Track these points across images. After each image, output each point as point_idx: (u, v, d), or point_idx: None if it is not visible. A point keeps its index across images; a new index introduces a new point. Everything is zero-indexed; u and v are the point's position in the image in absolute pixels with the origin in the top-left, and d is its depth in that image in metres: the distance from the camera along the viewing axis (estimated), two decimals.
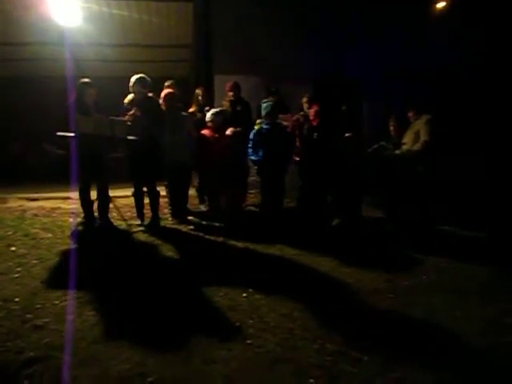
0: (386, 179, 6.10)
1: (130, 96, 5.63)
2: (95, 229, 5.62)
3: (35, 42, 10.65)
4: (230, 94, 6.63)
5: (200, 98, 6.67)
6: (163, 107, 5.81)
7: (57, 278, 3.99)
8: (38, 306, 3.40)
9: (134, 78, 5.53)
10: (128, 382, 2.45)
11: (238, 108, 6.58)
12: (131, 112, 5.45)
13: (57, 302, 3.46)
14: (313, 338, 2.97)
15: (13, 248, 4.85)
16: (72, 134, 5.02)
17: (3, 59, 11.97)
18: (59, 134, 5.05)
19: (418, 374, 2.59)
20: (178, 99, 6.00)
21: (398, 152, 6.02)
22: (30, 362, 2.60)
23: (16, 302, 3.47)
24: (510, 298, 3.76)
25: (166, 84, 6.39)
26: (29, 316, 3.22)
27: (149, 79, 5.60)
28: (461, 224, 6.16)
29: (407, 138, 6.06)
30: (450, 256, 4.85)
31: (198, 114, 6.42)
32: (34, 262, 4.41)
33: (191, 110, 6.54)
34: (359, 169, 6.07)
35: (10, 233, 5.44)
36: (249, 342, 2.91)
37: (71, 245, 5.05)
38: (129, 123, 5.41)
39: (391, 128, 6.24)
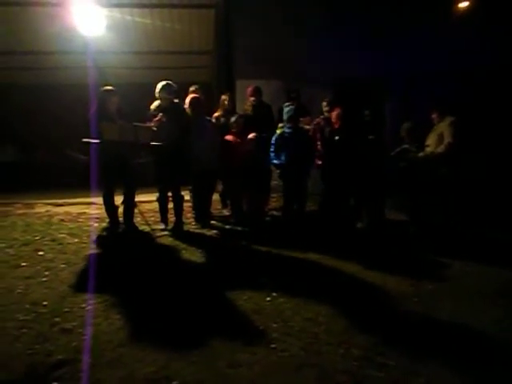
0: (409, 182, 6.03)
1: (157, 102, 5.70)
2: (120, 233, 5.70)
3: (59, 51, 10.89)
4: (252, 98, 6.64)
5: (226, 103, 6.71)
6: (189, 112, 5.86)
7: (84, 282, 4.04)
8: (66, 309, 3.46)
9: (160, 85, 5.60)
10: None
11: (261, 112, 6.59)
12: (157, 118, 5.52)
13: (84, 306, 3.52)
14: (338, 342, 2.95)
15: (41, 252, 4.95)
16: (97, 141, 5.11)
17: (28, 68, 12.28)
18: (84, 140, 5.14)
19: (444, 378, 2.55)
20: (203, 104, 6.05)
21: (421, 154, 5.95)
22: (58, 365, 2.65)
23: (44, 305, 3.54)
24: None
25: (191, 89, 6.45)
26: (57, 319, 3.28)
27: (175, 85, 5.66)
28: (485, 226, 6.06)
29: (430, 140, 5.98)
30: (474, 259, 4.78)
31: (222, 119, 6.45)
32: (62, 266, 4.50)
33: (216, 114, 6.59)
34: (382, 172, 6.01)
35: (37, 238, 5.56)
36: (273, 346, 2.91)
37: (97, 249, 5.13)
38: (154, 129, 5.48)
39: (403, 134, 6.14)
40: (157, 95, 5.64)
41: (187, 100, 5.97)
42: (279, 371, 2.62)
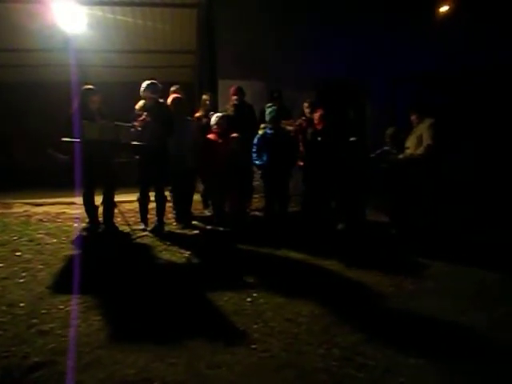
0: (389, 183, 6.08)
1: (141, 102, 5.66)
2: (100, 234, 5.64)
3: (40, 49, 10.72)
4: (234, 97, 6.63)
5: (208, 103, 6.69)
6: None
7: (62, 283, 3.99)
8: (44, 311, 3.41)
9: (144, 84, 5.56)
10: None
11: (242, 112, 6.59)
12: (141, 118, 5.47)
13: (62, 307, 3.47)
14: (318, 342, 2.96)
15: (18, 253, 4.86)
16: (77, 140, 5.04)
17: (9, 65, 12.04)
18: (64, 139, 5.07)
19: (422, 379, 2.58)
20: (184, 104, 6.01)
21: (401, 156, 6.00)
22: (35, 367, 2.61)
23: (21, 306, 3.48)
24: None
25: (172, 89, 6.41)
26: (34, 321, 3.23)
27: (159, 85, 5.62)
28: (466, 227, 6.16)
29: (410, 143, 6.04)
30: (454, 259, 4.85)
31: (204, 119, 6.43)
32: (40, 267, 4.42)
33: (197, 114, 6.56)
34: (363, 173, 6.06)
35: (15, 238, 5.46)
36: (253, 346, 2.91)
37: (76, 250, 5.06)
38: (139, 129, 5.43)
39: (387, 140, 6.19)
40: (141, 94, 5.60)
41: (169, 100, 5.94)
42: (259, 372, 2.63)
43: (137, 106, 5.68)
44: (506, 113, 8.79)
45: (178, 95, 6.06)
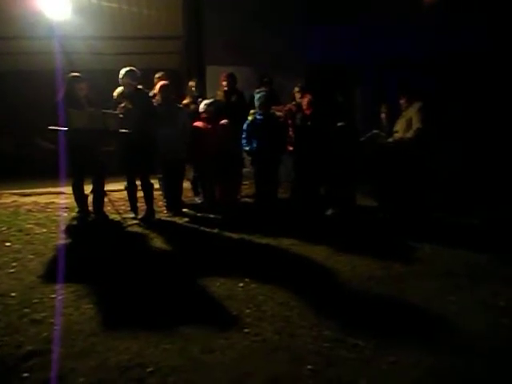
0: (379, 167, 6.11)
1: (120, 89, 5.60)
2: (90, 223, 5.62)
3: (24, 36, 10.53)
4: (224, 83, 6.59)
5: (194, 89, 6.64)
6: (159, 99, 5.78)
7: (53, 273, 3.97)
8: (36, 300, 3.40)
9: (123, 71, 5.50)
10: (127, 373, 2.46)
11: (233, 99, 6.56)
12: (122, 105, 5.43)
13: (54, 296, 3.47)
14: (310, 325, 3.00)
15: (8, 243, 4.83)
16: (64, 128, 5.00)
17: None
18: (51, 128, 5.02)
19: (412, 357, 2.62)
20: (171, 91, 5.97)
21: (390, 140, 6.02)
22: (29, 356, 2.61)
23: (13, 296, 3.47)
24: (502, 281, 3.82)
25: (157, 76, 6.35)
26: (26, 310, 3.23)
27: (138, 72, 5.57)
28: (454, 211, 6.21)
29: (399, 126, 6.06)
30: (443, 242, 4.89)
31: (192, 106, 6.38)
32: (30, 256, 4.41)
33: (185, 101, 6.51)
34: (352, 158, 6.07)
35: (4, 228, 5.42)
36: (246, 330, 2.94)
37: (66, 239, 5.04)
38: (121, 116, 5.38)
39: (382, 115, 6.22)
40: (120, 81, 5.55)
41: (157, 87, 5.89)
42: (253, 355, 2.66)
43: (115, 93, 5.62)
44: (496, 97, 8.83)
45: (166, 82, 6.00)
